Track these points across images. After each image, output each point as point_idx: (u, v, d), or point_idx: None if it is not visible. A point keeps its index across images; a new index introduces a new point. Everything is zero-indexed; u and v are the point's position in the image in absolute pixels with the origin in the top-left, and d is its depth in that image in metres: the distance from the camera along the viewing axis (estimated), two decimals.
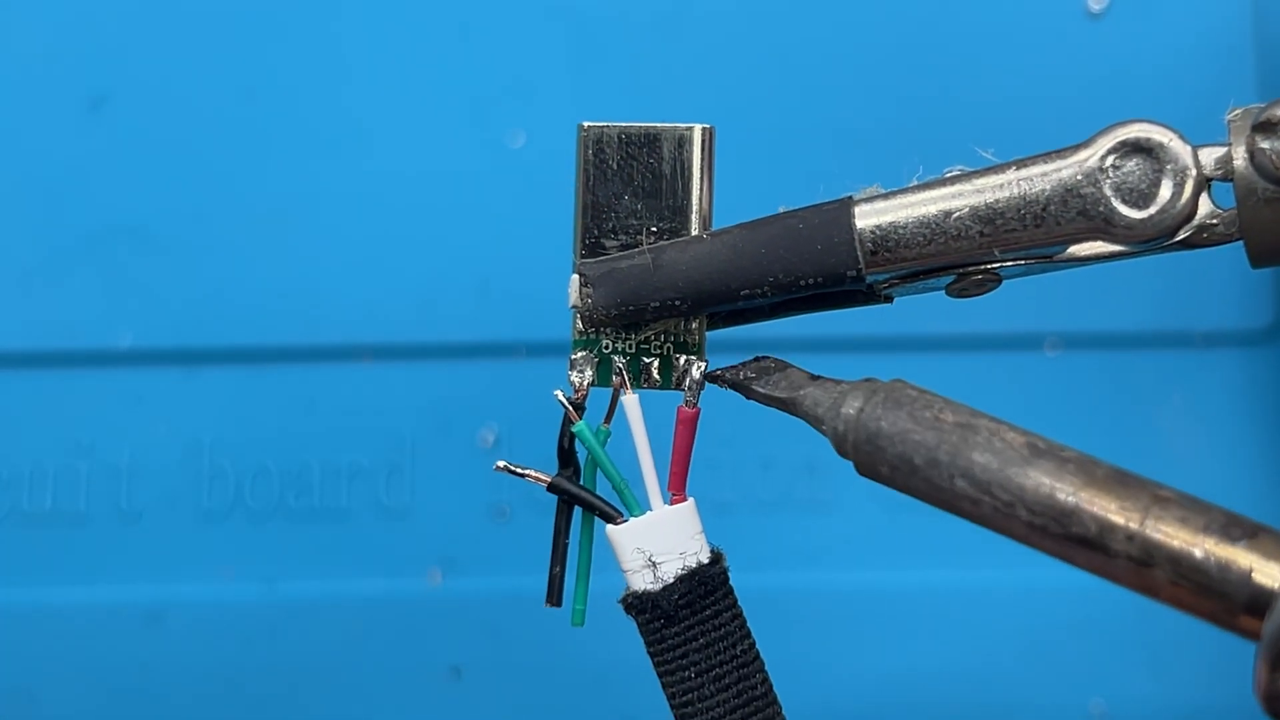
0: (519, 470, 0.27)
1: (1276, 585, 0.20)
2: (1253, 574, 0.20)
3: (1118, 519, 0.21)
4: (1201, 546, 0.21)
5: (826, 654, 0.46)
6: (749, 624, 0.27)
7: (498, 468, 0.27)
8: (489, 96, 0.48)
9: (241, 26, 0.48)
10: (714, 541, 0.27)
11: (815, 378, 0.26)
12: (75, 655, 0.46)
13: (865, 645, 0.46)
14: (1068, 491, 0.22)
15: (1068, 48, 0.47)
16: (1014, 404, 0.47)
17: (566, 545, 0.28)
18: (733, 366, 0.27)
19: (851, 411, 0.24)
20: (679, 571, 0.26)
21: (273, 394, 0.47)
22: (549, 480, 0.27)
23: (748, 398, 0.27)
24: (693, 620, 0.26)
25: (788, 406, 0.26)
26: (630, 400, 0.27)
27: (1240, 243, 0.25)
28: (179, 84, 0.48)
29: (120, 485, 0.46)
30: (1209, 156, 0.25)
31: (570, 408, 0.27)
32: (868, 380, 0.25)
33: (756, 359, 0.27)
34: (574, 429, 0.27)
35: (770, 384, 0.26)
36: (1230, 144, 0.24)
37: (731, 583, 0.27)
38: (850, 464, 0.25)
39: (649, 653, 0.26)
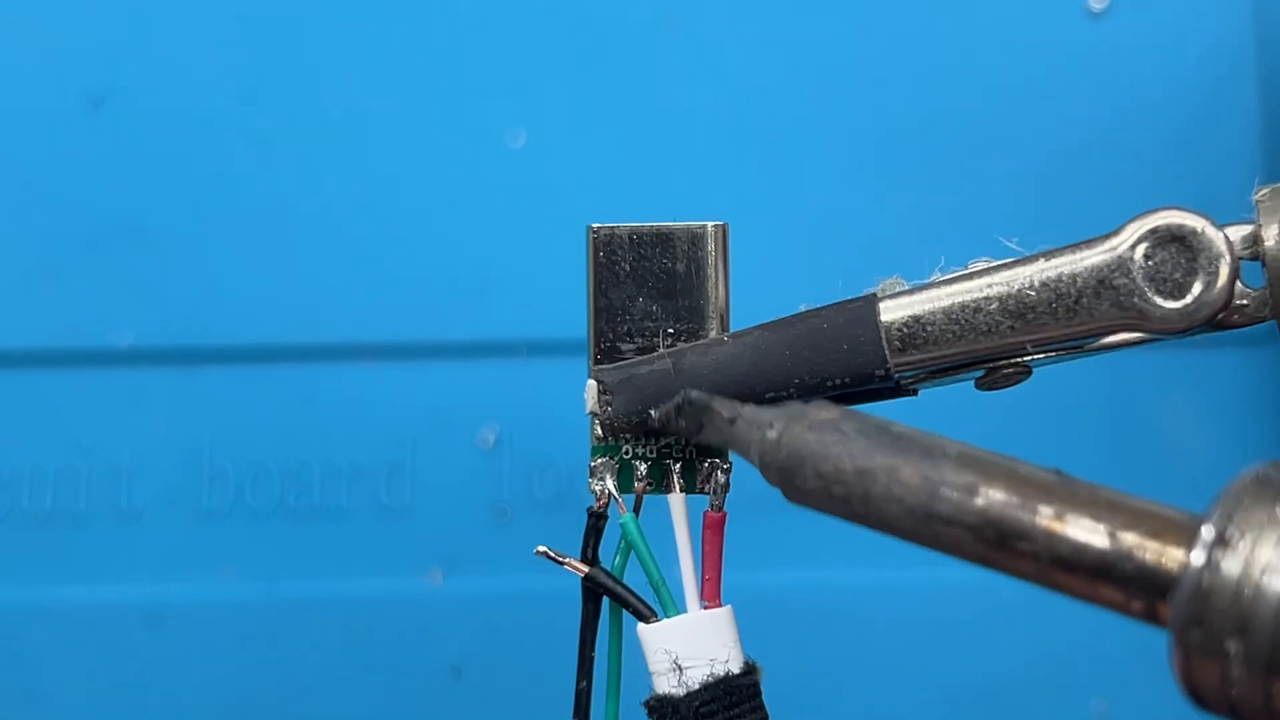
0: (558, 557, 0.26)
1: (1176, 567, 0.20)
2: (1155, 560, 0.20)
3: (1024, 519, 0.21)
4: (1103, 538, 0.20)
5: (826, 653, 0.46)
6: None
7: (537, 552, 0.27)
8: (489, 96, 0.48)
9: (242, 26, 0.48)
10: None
11: (740, 407, 0.25)
12: (75, 655, 0.46)
13: (865, 645, 0.46)
14: (977, 501, 0.21)
15: (1068, 48, 0.47)
16: (1014, 404, 0.47)
17: (593, 658, 0.27)
18: (665, 408, 0.26)
19: (771, 437, 0.23)
20: (705, 679, 0.25)
21: (273, 394, 0.47)
22: (586, 571, 0.26)
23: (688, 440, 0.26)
24: None
25: (724, 444, 0.25)
26: (676, 499, 0.26)
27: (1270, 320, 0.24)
28: (179, 84, 0.48)
29: (120, 485, 0.46)
30: (1236, 235, 0.24)
31: (627, 496, 0.26)
32: (787, 405, 0.24)
33: (680, 401, 0.26)
34: (620, 521, 0.26)
35: (704, 426, 0.25)
36: (1260, 223, 0.24)
37: (763, 697, 0.26)
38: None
39: None
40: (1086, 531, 0.20)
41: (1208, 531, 0.19)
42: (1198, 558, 0.19)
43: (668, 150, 0.48)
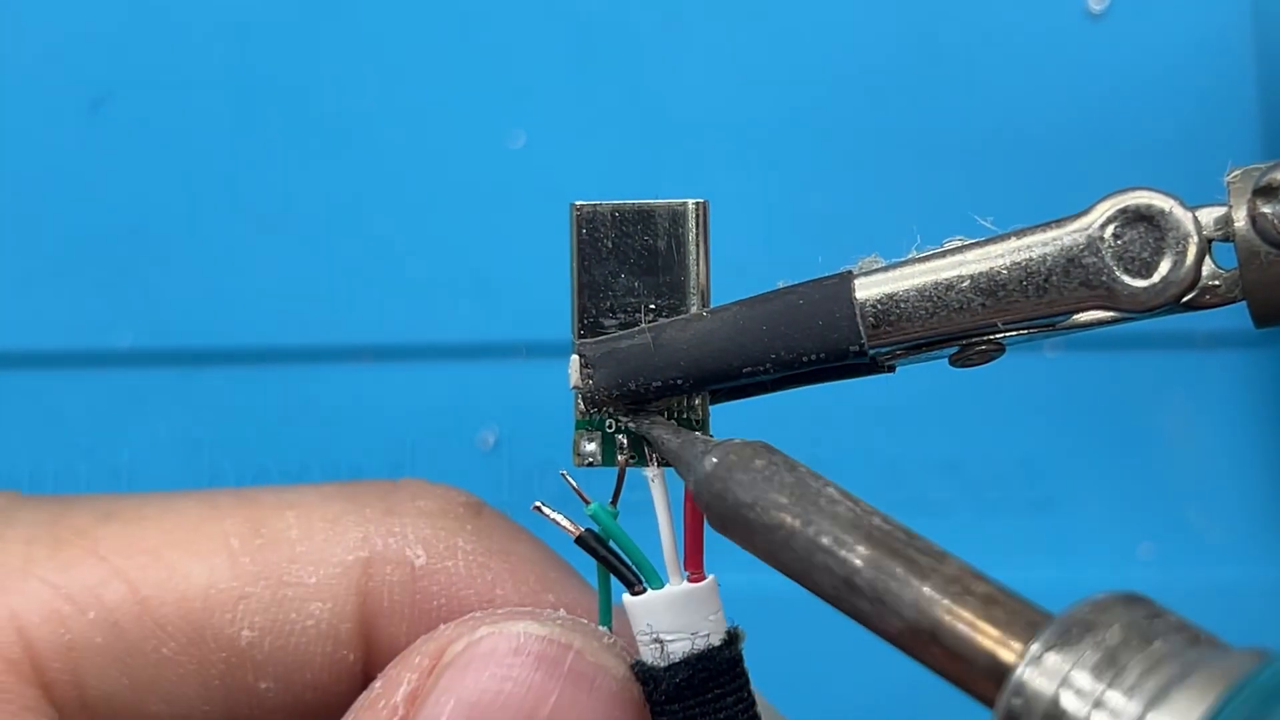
0: (553, 516, 0.27)
1: (1013, 659, 0.21)
2: (994, 646, 0.21)
3: (903, 591, 0.22)
4: (950, 616, 0.22)
5: (827, 654, 0.46)
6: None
7: (534, 508, 0.27)
8: (489, 96, 0.48)
9: (241, 27, 0.48)
10: (713, 540, 0.27)
11: (682, 432, 0.26)
12: None
13: (865, 645, 0.46)
14: (856, 563, 0.23)
15: (1068, 48, 0.47)
16: (1014, 404, 0.47)
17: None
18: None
19: (707, 468, 0.24)
20: (686, 653, 0.26)
21: (273, 394, 0.47)
22: (579, 533, 0.27)
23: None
24: (694, 701, 0.26)
25: (666, 455, 0.26)
26: (654, 472, 0.27)
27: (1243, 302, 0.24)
28: (179, 84, 0.48)
29: (120, 485, 0.46)
30: (1208, 217, 0.24)
31: (578, 491, 0.27)
32: (727, 441, 0.25)
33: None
34: (587, 511, 0.26)
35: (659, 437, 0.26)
36: (1230, 205, 0.24)
37: (745, 665, 0.27)
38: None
39: (651, 716, 0.26)
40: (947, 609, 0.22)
41: (1031, 653, 0.20)
42: (1016, 675, 0.20)
43: (668, 149, 0.48)
